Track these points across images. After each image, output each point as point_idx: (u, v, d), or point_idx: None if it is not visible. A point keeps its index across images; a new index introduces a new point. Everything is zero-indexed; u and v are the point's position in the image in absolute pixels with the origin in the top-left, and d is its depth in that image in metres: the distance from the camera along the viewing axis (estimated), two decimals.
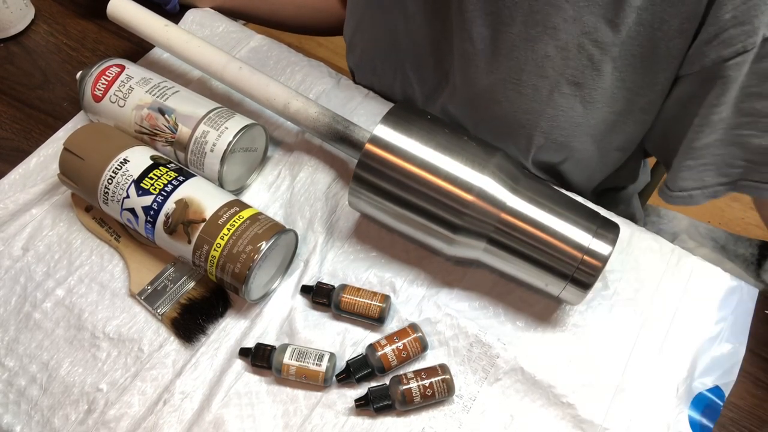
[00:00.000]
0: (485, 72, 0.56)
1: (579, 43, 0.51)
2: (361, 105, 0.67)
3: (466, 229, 0.50)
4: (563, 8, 0.50)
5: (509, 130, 0.59)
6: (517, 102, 0.56)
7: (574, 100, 0.55)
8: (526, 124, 0.57)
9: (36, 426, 0.50)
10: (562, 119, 0.56)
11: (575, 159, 0.61)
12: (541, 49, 0.52)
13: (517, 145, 0.60)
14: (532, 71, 0.54)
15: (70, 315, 0.54)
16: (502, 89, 0.56)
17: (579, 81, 0.53)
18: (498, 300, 0.55)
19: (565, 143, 0.58)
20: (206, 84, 0.68)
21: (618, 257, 0.57)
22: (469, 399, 0.51)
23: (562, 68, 0.53)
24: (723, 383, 0.51)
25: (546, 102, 0.55)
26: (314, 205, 0.60)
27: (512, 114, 0.57)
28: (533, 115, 0.56)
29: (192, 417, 0.50)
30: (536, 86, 0.54)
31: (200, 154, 0.56)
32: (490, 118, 0.59)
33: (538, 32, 0.52)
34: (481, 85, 0.57)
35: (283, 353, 0.50)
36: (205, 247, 0.50)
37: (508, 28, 0.53)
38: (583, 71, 0.53)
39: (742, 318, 0.54)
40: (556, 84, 0.54)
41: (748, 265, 0.93)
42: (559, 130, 0.57)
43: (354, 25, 0.68)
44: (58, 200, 0.60)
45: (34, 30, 0.74)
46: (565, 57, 0.52)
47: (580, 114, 0.56)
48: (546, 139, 0.58)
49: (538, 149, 0.60)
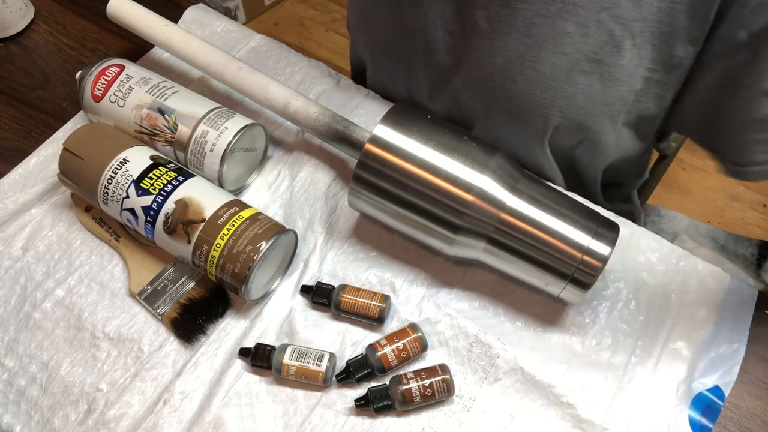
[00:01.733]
0: (501, 50, 0.55)
1: (599, 18, 0.50)
2: (361, 105, 0.67)
3: (466, 229, 0.50)
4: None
5: (526, 110, 0.57)
6: (535, 80, 0.55)
7: (593, 77, 0.54)
8: (544, 103, 0.56)
9: (36, 426, 0.50)
10: (581, 98, 0.55)
11: (591, 141, 0.60)
12: (560, 26, 0.51)
13: (533, 126, 0.58)
14: (551, 48, 0.53)
15: (70, 315, 0.54)
16: (519, 67, 0.55)
17: (599, 58, 0.52)
18: (498, 300, 0.55)
19: (583, 123, 0.57)
20: (206, 84, 0.68)
21: (618, 257, 0.57)
22: (469, 399, 0.51)
23: (582, 45, 0.52)
24: (723, 383, 0.51)
25: (564, 80, 0.54)
26: (314, 205, 0.60)
27: (529, 93, 0.56)
28: (551, 93, 0.55)
29: (192, 417, 0.50)
30: (554, 64, 0.53)
31: (200, 154, 0.56)
32: (505, 98, 0.58)
33: (557, 8, 0.51)
34: (497, 63, 0.56)
35: (283, 353, 0.50)
36: (204, 247, 0.50)
37: (525, 5, 0.52)
38: (602, 48, 0.52)
39: (742, 318, 0.54)
40: (575, 61, 0.53)
41: (748, 265, 0.93)
42: (577, 109, 0.56)
43: (357, 14, 0.67)
44: (58, 200, 0.60)
45: (34, 30, 0.74)
46: (584, 33, 0.51)
47: (598, 92, 0.55)
48: (563, 119, 0.57)
49: (554, 131, 0.58)
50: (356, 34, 0.69)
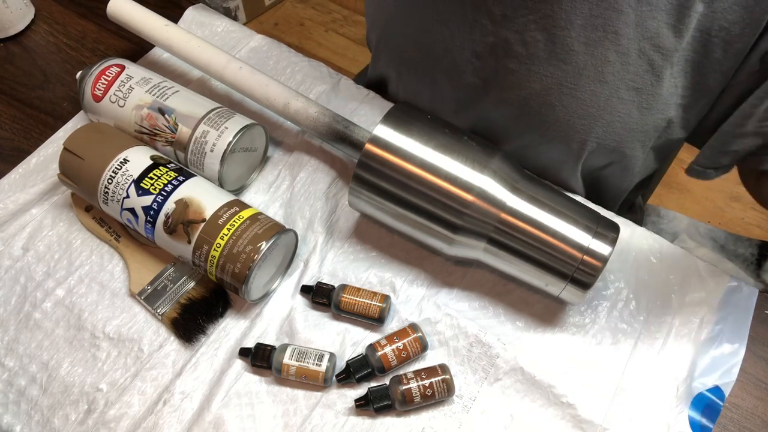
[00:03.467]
0: (539, 76, 0.54)
1: (640, 48, 0.50)
2: (361, 105, 0.67)
3: (466, 229, 0.50)
4: (625, 12, 0.49)
5: (562, 135, 0.57)
6: (573, 107, 0.55)
7: (632, 105, 0.54)
8: (581, 129, 0.56)
9: (36, 426, 0.50)
10: (618, 125, 0.55)
11: (620, 164, 0.60)
12: (601, 54, 0.51)
13: (568, 149, 0.58)
14: (591, 76, 0.52)
15: (70, 315, 0.54)
16: (557, 94, 0.54)
17: (638, 87, 0.52)
18: (498, 300, 0.55)
19: (617, 148, 0.57)
20: (206, 84, 0.68)
21: (618, 257, 0.57)
22: (469, 399, 0.51)
23: (622, 74, 0.52)
24: (723, 383, 0.51)
25: (603, 108, 0.54)
26: (314, 205, 0.60)
27: (566, 119, 0.56)
28: (589, 120, 0.55)
29: (192, 417, 0.50)
30: (594, 91, 0.53)
31: (200, 154, 0.56)
32: (540, 123, 0.57)
33: (599, 36, 0.50)
34: (534, 89, 0.55)
35: (283, 353, 0.50)
36: (205, 247, 0.50)
37: (565, 32, 0.51)
38: (643, 77, 0.52)
39: (742, 318, 0.54)
40: (615, 89, 0.53)
41: (748, 265, 0.93)
42: (613, 135, 0.56)
43: (379, 31, 0.65)
44: (58, 200, 0.60)
45: (34, 30, 0.74)
46: (625, 62, 0.51)
47: (635, 120, 0.55)
48: (599, 145, 0.57)
49: (588, 154, 0.58)
50: (378, 51, 0.68)
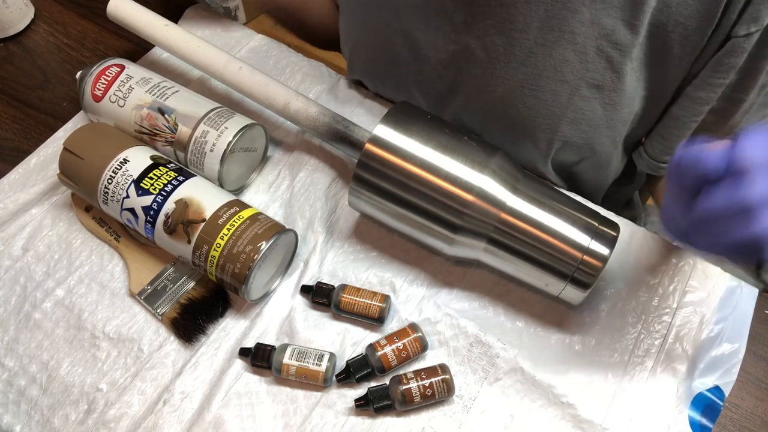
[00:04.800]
0: (501, 80, 0.55)
1: (598, 45, 0.51)
2: (361, 105, 0.67)
3: (466, 229, 0.50)
4: (580, 11, 0.49)
5: (528, 135, 0.58)
6: (536, 108, 0.55)
7: (595, 102, 0.54)
8: (547, 128, 0.56)
9: (36, 426, 0.50)
10: (583, 122, 0.56)
11: (593, 159, 0.61)
12: (559, 54, 0.52)
13: (536, 146, 0.59)
14: (551, 76, 0.53)
15: (70, 315, 0.54)
16: (519, 96, 0.55)
17: (599, 84, 0.53)
18: (498, 300, 0.55)
19: (585, 144, 0.58)
20: (206, 84, 0.68)
21: (618, 257, 0.57)
22: (469, 399, 0.51)
23: (582, 72, 0.52)
24: (723, 383, 0.51)
25: (566, 106, 0.54)
26: (314, 205, 0.60)
27: (531, 119, 0.56)
28: (553, 119, 0.56)
29: (192, 417, 0.50)
30: (556, 91, 0.54)
31: (200, 154, 0.56)
32: (507, 125, 0.58)
33: (556, 37, 0.51)
34: (497, 93, 0.56)
35: (283, 353, 0.50)
36: (204, 247, 0.50)
37: (523, 35, 0.52)
38: (603, 74, 0.52)
39: (742, 318, 0.54)
40: (576, 88, 0.53)
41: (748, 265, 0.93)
42: (580, 132, 0.57)
43: (351, 43, 0.66)
44: (58, 200, 0.60)
45: (34, 30, 0.74)
46: (584, 60, 0.52)
47: (600, 116, 0.55)
48: (566, 141, 0.58)
49: (557, 151, 0.59)
50: (351, 62, 0.69)
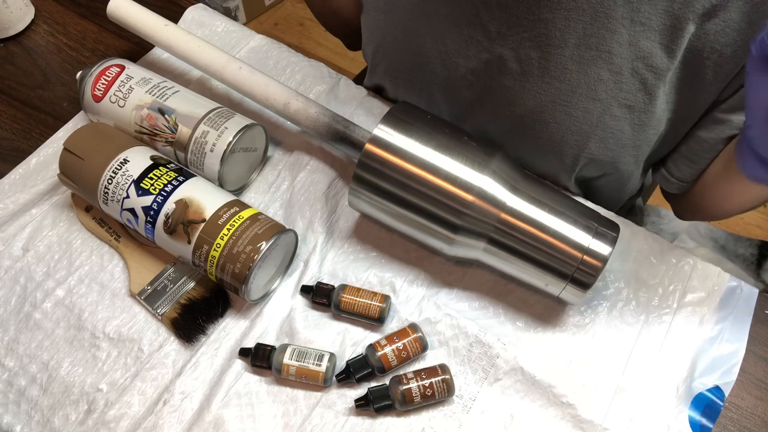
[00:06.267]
0: (533, 93, 0.55)
1: (633, 67, 0.51)
2: (361, 105, 0.67)
3: (466, 229, 0.50)
4: (619, 32, 0.49)
5: (555, 149, 0.58)
6: (566, 124, 0.55)
7: (624, 122, 0.54)
8: (574, 145, 0.57)
9: (36, 426, 0.50)
10: (611, 141, 0.56)
11: (614, 176, 0.61)
12: (594, 73, 0.52)
13: (562, 162, 0.59)
14: (584, 94, 0.53)
15: (70, 315, 0.54)
16: (550, 111, 0.55)
17: (631, 104, 0.53)
18: (498, 300, 0.55)
19: (609, 162, 0.58)
20: (206, 84, 0.68)
21: (618, 257, 0.57)
22: (469, 399, 0.51)
23: (615, 92, 0.52)
24: (723, 383, 0.51)
25: (596, 124, 0.55)
26: (314, 205, 0.60)
27: (560, 135, 0.56)
28: (582, 136, 0.56)
29: (192, 417, 0.50)
30: (587, 109, 0.54)
31: (200, 154, 0.56)
32: (534, 138, 0.58)
33: (592, 56, 0.51)
34: (528, 106, 0.56)
35: (283, 353, 0.50)
36: (205, 247, 0.50)
37: (559, 51, 0.52)
38: (635, 95, 0.52)
39: (742, 318, 0.54)
40: (608, 107, 0.53)
41: (748, 265, 0.94)
42: (606, 150, 0.57)
43: (375, 44, 0.65)
44: (58, 200, 0.60)
45: (34, 30, 0.74)
46: (618, 81, 0.52)
47: (628, 136, 0.56)
48: (591, 159, 0.58)
49: (582, 167, 0.59)
50: (374, 63, 0.67)
